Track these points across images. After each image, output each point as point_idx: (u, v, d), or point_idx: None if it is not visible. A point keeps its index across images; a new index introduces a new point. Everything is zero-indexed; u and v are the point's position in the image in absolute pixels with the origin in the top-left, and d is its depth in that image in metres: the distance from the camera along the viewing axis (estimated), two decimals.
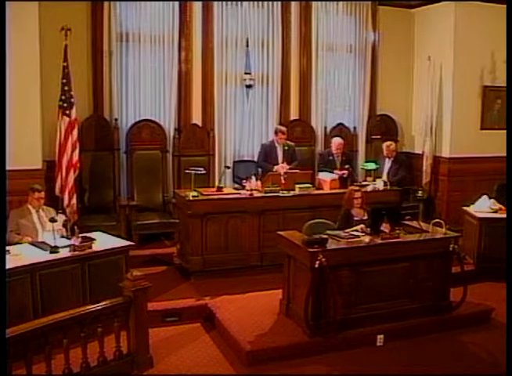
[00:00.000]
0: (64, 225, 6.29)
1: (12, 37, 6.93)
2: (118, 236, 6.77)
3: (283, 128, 8.71)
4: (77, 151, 7.47)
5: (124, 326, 5.19)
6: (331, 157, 8.84)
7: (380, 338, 5.86)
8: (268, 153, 8.59)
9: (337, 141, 8.90)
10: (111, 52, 8.46)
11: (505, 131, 9.69)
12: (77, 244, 5.80)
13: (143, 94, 8.80)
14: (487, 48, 9.63)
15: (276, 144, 8.59)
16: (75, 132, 7.44)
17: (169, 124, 8.96)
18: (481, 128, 9.89)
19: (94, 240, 5.99)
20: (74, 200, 7.45)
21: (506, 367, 4.56)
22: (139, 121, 8.76)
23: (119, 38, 8.54)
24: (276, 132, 8.63)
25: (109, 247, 6.07)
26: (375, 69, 10.16)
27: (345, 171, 8.53)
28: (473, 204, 8.25)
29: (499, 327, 6.37)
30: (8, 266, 5.22)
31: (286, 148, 8.59)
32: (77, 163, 7.47)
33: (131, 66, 8.69)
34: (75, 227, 6.01)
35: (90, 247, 5.88)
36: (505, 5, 9.27)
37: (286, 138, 8.63)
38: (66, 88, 7.34)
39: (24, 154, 7.15)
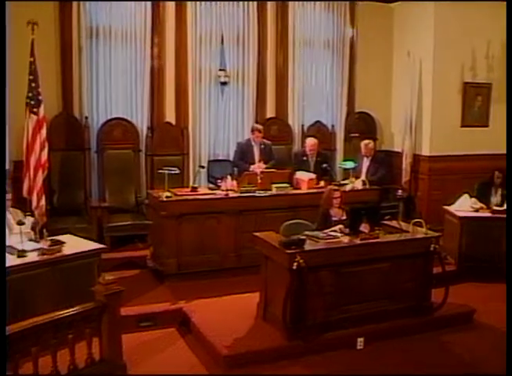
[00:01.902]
0: (32, 228, 6.22)
1: None
2: (89, 238, 6.70)
3: (260, 127, 8.71)
4: (45, 151, 7.39)
5: (97, 332, 5.15)
6: (305, 158, 8.84)
7: (360, 340, 5.89)
8: (244, 152, 8.59)
9: (310, 141, 8.89)
10: (81, 48, 8.41)
11: (486, 128, 9.85)
12: (45, 247, 5.74)
13: (115, 91, 8.78)
14: (467, 45, 9.72)
15: (253, 143, 8.59)
16: (43, 131, 7.35)
17: (142, 122, 8.94)
18: (462, 126, 9.98)
19: (64, 243, 5.93)
20: (43, 202, 7.36)
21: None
22: (111, 120, 8.72)
23: (89, 33, 8.50)
24: (253, 131, 8.63)
25: (80, 250, 6.01)
26: (353, 65, 10.22)
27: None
28: (454, 203, 8.34)
29: (482, 327, 6.45)
30: None
31: (262, 147, 8.59)
32: (45, 163, 7.39)
33: (101, 63, 8.65)
34: (44, 230, 5.96)
35: (59, 251, 5.82)
36: (487, 1, 9.37)
37: (262, 136, 8.64)
38: (33, 84, 7.26)
39: None
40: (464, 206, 8.18)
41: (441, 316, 6.43)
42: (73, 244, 6.09)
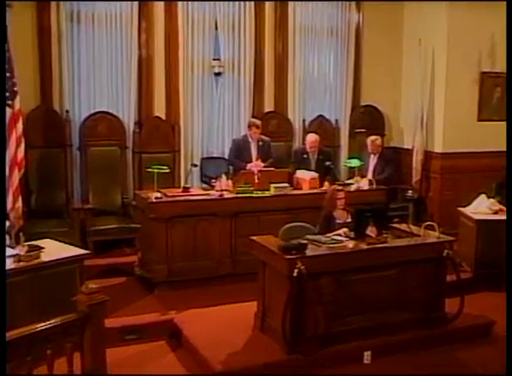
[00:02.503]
0: (8, 233, 6.18)
1: None
2: (71, 243, 6.67)
3: (258, 122, 8.70)
4: (22, 147, 7.32)
5: (78, 346, 5.10)
6: (305, 156, 8.83)
7: (367, 354, 5.86)
8: (240, 149, 8.59)
9: (311, 138, 8.85)
10: (61, 34, 8.37)
11: (505, 122, 9.76)
12: (22, 253, 5.70)
13: (99, 82, 8.74)
14: (486, 30, 9.61)
15: (250, 139, 8.59)
16: (19, 126, 7.28)
17: (128, 116, 8.92)
18: (479, 120, 9.92)
19: (43, 248, 5.89)
20: (20, 204, 7.30)
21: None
22: (94, 114, 8.70)
23: (69, 18, 8.45)
24: (250, 126, 8.62)
25: (61, 256, 5.98)
26: (359, 54, 10.22)
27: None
28: (469, 204, 8.31)
29: (501, 341, 6.36)
30: None
31: (260, 144, 8.59)
32: (22, 161, 7.33)
33: (84, 50, 8.60)
34: (20, 234, 5.92)
35: (38, 257, 5.78)
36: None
37: (260, 132, 8.62)
38: (7, 74, 7.21)
39: None
40: (481, 208, 8.14)
41: (455, 328, 6.40)
42: (53, 250, 6.06)
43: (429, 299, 6.34)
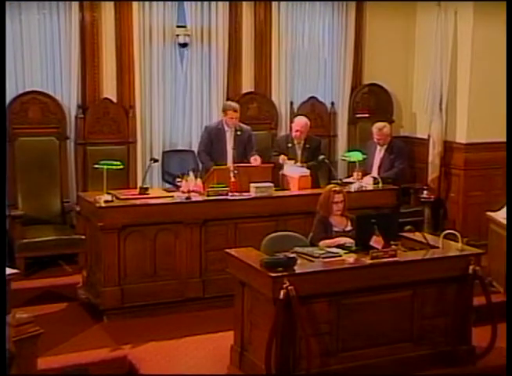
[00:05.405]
0: None
1: None
2: None
3: (235, 105, 8.74)
4: None
5: None
6: (290, 144, 8.89)
7: None
8: (213, 140, 8.61)
9: (300, 121, 8.91)
10: None
11: None
12: None
13: (29, 55, 8.68)
14: None
15: (226, 127, 8.60)
16: None
17: (69, 98, 8.93)
18: None
19: None
20: None
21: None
22: (24, 94, 8.67)
23: None
24: (225, 110, 8.65)
25: None
26: (361, 21, 10.29)
27: None
28: (502, 207, 8.32)
29: None
30: None
31: (238, 133, 8.63)
32: None
33: (7, 15, 8.43)
34: None
35: None
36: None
37: (239, 118, 8.65)
38: None
39: None
40: None
41: (486, 366, 6.39)
42: None
43: (451, 329, 6.34)
